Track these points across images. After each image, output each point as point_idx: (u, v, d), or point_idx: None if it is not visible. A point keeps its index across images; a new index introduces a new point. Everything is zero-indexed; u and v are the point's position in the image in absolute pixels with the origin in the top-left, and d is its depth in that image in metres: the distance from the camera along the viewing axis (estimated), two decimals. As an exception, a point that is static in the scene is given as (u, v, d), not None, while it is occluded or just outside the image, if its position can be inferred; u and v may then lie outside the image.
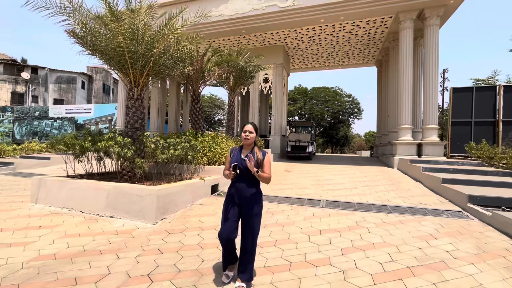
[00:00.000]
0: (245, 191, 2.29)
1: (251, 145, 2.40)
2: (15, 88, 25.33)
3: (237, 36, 11.67)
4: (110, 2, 4.17)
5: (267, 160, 2.37)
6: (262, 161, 2.33)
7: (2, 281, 2.34)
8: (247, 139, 2.35)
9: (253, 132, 2.39)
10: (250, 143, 2.38)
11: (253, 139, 2.39)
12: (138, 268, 2.56)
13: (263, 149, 2.49)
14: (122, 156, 4.25)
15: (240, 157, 2.35)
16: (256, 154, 2.33)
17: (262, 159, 2.34)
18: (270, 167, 2.37)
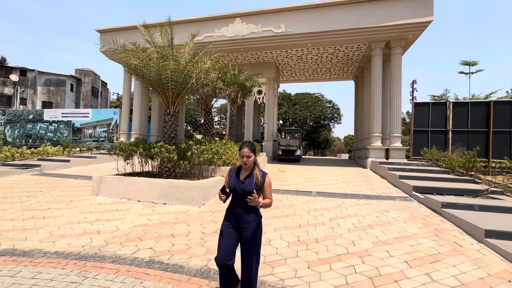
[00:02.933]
0: (244, 216, 2.12)
1: (251, 167, 2.21)
2: (2, 90, 25.09)
3: (236, 53, 13.27)
4: (161, 47, 5.65)
5: (268, 183, 2.19)
6: (262, 184, 2.14)
7: (128, 235, 3.79)
8: (246, 163, 2.16)
9: (252, 155, 2.18)
10: (249, 166, 2.19)
11: (252, 161, 2.19)
12: (206, 229, 4.10)
13: (263, 170, 2.26)
14: (169, 159, 5.72)
15: (238, 180, 2.17)
16: (256, 177, 2.15)
17: (263, 182, 2.15)
18: (271, 190, 2.21)
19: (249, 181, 2.14)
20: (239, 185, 2.13)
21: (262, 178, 2.15)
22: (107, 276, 2.68)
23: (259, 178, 2.13)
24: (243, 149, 2.17)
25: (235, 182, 2.16)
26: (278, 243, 3.60)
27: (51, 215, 4.70)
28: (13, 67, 25.95)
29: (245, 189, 2.10)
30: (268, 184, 2.18)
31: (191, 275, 2.74)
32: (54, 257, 3.12)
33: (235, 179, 2.19)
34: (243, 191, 2.09)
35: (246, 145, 2.18)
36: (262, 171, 2.22)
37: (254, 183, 2.11)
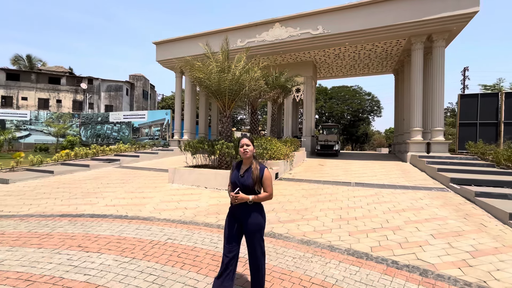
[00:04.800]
0: (244, 208, 2.22)
1: (250, 159, 2.30)
2: (75, 97, 29.62)
3: (275, 56, 14.22)
4: (220, 62, 6.91)
5: (267, 176, 2.25)
6: (260, 178, 2.22)
7: (207, 210, 5.10)
8: (246, 152, 2.27)
9: (250, 144, 2.30)
10: (249, 157, 2.29)
11: (251, 152, 2.30)
12: (266, 207, 5.21)
13: (262, 164, 2.34)
14: (228, 154, 6.99)
15: (238, 175, 2.29)
16: (253, 171, 2.23)
17: (260, 176, 2.22)
18: (271, 182, 2.27)
19: (247, 175, 2.24)
20: (238, 179, 2.26)
21: (260, 172, 2.23)
22: (205, 233, 3.94)
23: (255, 172, 2.22)
24: (242, 140, 2.34)
25: (235, 176, 2.30)
26: (323, 219, 4.56)
27: (147, 196, 6.28)
28: (83, 76, 30.37)
29: (244, 183, 2.22)
30: (266, 177, 2.24)
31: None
32: (165, 221, 4.52)
33: (236, 173, 2.32)
34: (242, 184, 2.22)
35: (244, 137, 2.43)
36: (261, 165, 2.30)
37: (251, 178, 2.21)
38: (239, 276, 2.71)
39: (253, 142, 2.38)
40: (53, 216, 4.78)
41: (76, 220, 4.51)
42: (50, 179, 8.53)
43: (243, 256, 2.97)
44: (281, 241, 3.64)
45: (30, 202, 5.85)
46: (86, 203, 5.73)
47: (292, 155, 9.72)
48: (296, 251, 3.31)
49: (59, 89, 29.71)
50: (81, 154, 12.03)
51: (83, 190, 6.89)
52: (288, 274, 2.75)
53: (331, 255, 3.23)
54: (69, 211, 5.13)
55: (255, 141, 7.88)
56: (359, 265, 2.99)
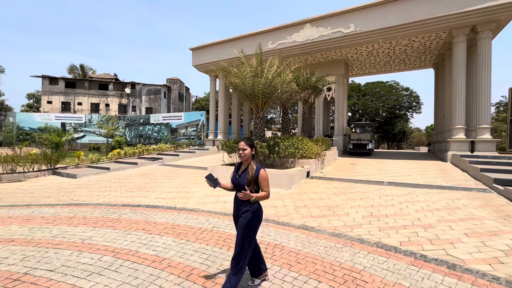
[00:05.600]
0: (241, 206, 2.37)
1: (248, 161, 2.40)
2: (120, 101, 32.64)
3: (306, 56, 14.36)
4: (253, 67, 7.41)
5: (263, 177, 2.33)
6: (255, 178, 2.31)
7: (245, 205, 5.62)
8: (242, 156, 2.38)
9: (247, 148, 2.38)
10: (245, 159, 2.40)
11: (248, 154, 2.38)
12: (297, 204, 5.59)
13: (258, 164, 2.42)
14: (262, 153, 7.47)
15: (236, 174, 2.44)
16: (248, 171, 2.34)
17: (255, 176, 2.31)
18: (267, 182, 2.36)
19: (243, 175, 2.37)
20: (236, 179, 2.42)
21: (256, 172, 2.32)
22: (245, 223, 4.46)
23: (250, 172, 2.32)
24: (240, 143, 2.42)
25: (234, 176, 2.46)
26: (354, 215, 4.80)
27: (190, 191, 7.02)
28: (126, 82, 33.33)
29: (240, 182, 2.37)
30: (262, 177, 2.32)
31: (295, 228, 4.26)
32: (209, 213, 5.13)
33: (235, 173, 2.47)
34: (238, 184, 2.36)
35: (243, 139, 2.44)
36: (258, 165, 2.39)
37: (246, 178, 2.32)
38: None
39: (252, 145, 2.43)
40: (117, 205, 5.69)
41: (135, 209, 5.34)
42: (107, 175, 9.82)
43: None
44: (313, 233, 4.00)
45: (97, 193, 6.93)
46: (140, 196, 6.63)
47: (323, 154, 9.89)
48: (327, 242, 3.66)
49: (107, 94, 32.96)
50: (130, 153, 13.47)
51: (135, 185, 7.89)
52: (320, 260, 3.12)
53: (360, 246, 3.51)
54: (128, 202, 6.02)
55: (287, 141, 8.25)
56: (387, 256, 3.24)
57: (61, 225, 4.27)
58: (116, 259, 3.06)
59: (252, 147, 2.44)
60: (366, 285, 2.59)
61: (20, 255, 3.13)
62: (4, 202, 5.94)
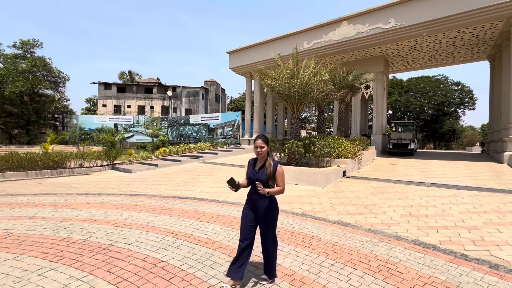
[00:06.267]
0: (259, 201, 2.46)
1: (265, 157, 2.51)
2: (163, 103, 35.29)
3: (342, 54, 14.15)
4: (290, 69, 7.71)
5: (280, 172, 2.45)
6: (273, 174, 2.44)
7: (281, 201, 5.95)
8: (260, 153, 2.49)
9: (264, 145, 2.49)
10: (262, 156, 2.51)
11: (265, 152, 2.49)
12: (333, 201, 5.76)
13: (275, 160, 2.54)
14: (298, 152, 7.73)
15: (253, 171, 2.53)
16: (267, 167, 2.46)
17: (274, 171, 2.44)
18: (283, 178, 2.48)
19: (262, 171, 2.48)
20: (254, 175, 2.50)
21: (274, 168, 2.45)
22: (282, 217, 4.79)
23: (269, 169, 2.44)
24: (256, 141, 2.50)
25: (251, 173, 2.54)
26: (391, 214, 4.84)
27: (230, 186, 7.57)
28: (168, 85, 35.91)
29: (259, 178, 2.45)
30: (279, 173, 2.45)
31: (332, 223, 4.48)
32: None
33: (252, 169, 2.55)
34: (257, 180, 2.44)
35: (259, 138, 2.53)
36: (275, 162, 2.51)
37: (265, 174, 2.44)
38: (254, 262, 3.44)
39: (268, 143, 2.56)
40: (168, 197, 6.45)
41: (185, 201, 6.02)
42: (156, 171, 10.94)
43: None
44: (349, 228, 4.19)
45: (150, 186, 7.87)
46: (187, 189, 7.37)
47: (360, 153, 9.76)
48: (363, 237, 3.83)
49: (151, 97, 35.86)
50: (174, 151, 14.69)
51: (181, 180, 8.73)
52: (356, 251, 3.33)
53: (396, 243, 3.62)
54: (177, 195, 6.77)
55: (322, 140, 8.37)
56: (425, 253, 3.32)
57: (127, 210, 5.08)
58: (176, 239, 3.65)
59: (268, 144, 2.55)
60: (401, 275, 2.76)
61: (103, 231, 3.90)
62: (80, 191, 7.12)
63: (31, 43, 28.39)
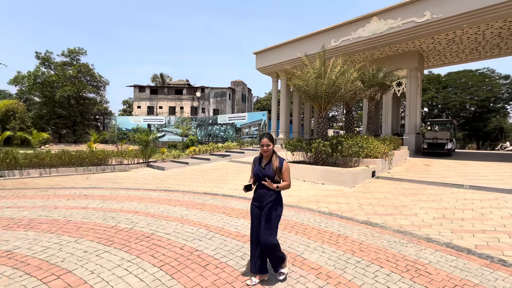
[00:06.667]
0: (265, 196, 2.55)
1: (270, 154, 2.61)
2: (192, 104, 36.74)
3: (372, 50, 13.67)
4: (317, 68, 7.72)
5: (286, 168, 2.56)
6: (280, 169, 2.53)
7: (308, 199, 6.04)
8: (266, 151, 2.57)
9: (270, 144, 2.58)
10: (268, 154, 2.60)
11: (271, 150, 2.59)
12: (361, 201, 5.71)
13: (280, 157, 2.62)
14: (325, 152, 7.72)
15: (260, 167, 2.61)
16: (273, 163, 2.55)
17: (280, 167, 2.53)
18: (289, 173, 2.59)
19: (268, 167, 2.57)
20: (260, 171, 2.58)
21: (280, 164, 2.54)
22: (309, 215, 4.89)
23: (275, 164, 2.54)
24: (262, 139, 2.59)
25: (257, 169, 2.62)
26: (423, 216, 4.70)
27: (257, 184, 7.80)
28: (197, 86, 37.30)
29: (265, 174, 2.54)
30: (285, 169, 2.57)
31: (359, 222, 4.49)
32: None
33: (258, 166, 2.63)
34: (264, 175, 2.53)
35: (265, 136, 2.61)
36: (280, 158, 2.61)
37: (272, 169, 2.53)
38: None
39: (273, 141, 2.65)
40: (199, 193, 6.85)
41: (215, 197, 6.36)
42: (187, 168, 11.56)
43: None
44: (377, 228, 4.17)
45: (182, 183, 8.39)
46: (216, 186, 7.74)
47: (391, 153, 9.43)
48: (391, 237, 3.81)
49: (181, 98, 37.51)
50: (203, 150, 15.34)
51: (211, 177, 9.16)
52: (383, 251, 3.35)
53: (427, 244, 3.56)
54: (207, 191, 7.15)
55: (350, 140, 8.26)
56: (458, 256, 3.23)
57: (164, 204, 5.53)
58: (209, 231, 3.94)
59: (273, 143, 2.65)
60: (430, 276, 2.75)
61: (145, 222, 4.33)
62: (121, 186, 7.84)
63: (76, 51, 31.26)
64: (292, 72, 8.35)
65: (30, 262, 2.89)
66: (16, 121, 27.92)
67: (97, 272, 2.70)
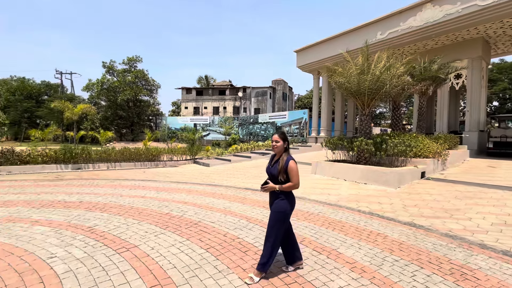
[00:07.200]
0: (273, 195, 2.59)
1: (281, 152, 2.58)
2: (234, 104, 38.09)
3: (424, 41, 12.53)
4: (360, 64, 7.48)
5: (292, 167, 2.48)
6: (285, 169, 2.47)
7: (348, 198, 5.95)
8: (275, 147, 2.59)
9: (280, 141, 2.56)
10: (278, 151, 2.59)
11: (280, 147, 2.56)
12: (406, 202, 5.43)
13: (290, 155, 2.57)
14: (367, 150, 7.45)
15: (269, 165, 2.67)
16: (279, 161, 2.53)
17: (285, 166, 2.48)
18: (296, 173, 2.48)
19: (275, 166, 2.57)
20: (269, 169, 2.63)
21: (285, 163, 2.48)
22: (348, 213, 4.86)
23: (281, 163, 2.50)
24: (273, 136, 2.62)
25: (267, 166, 2.69)
26: (479, 221, 4.29)
27: (296, 182, 7.91)
28: (239, 87, 38.51)
29: (271, 172, 2.58)
30: (291, 168, 2.47)
31: (401, 223, 4.32)
32: (314, 201, 5.78)
33: (269, 163, 2.69)
34: (270, 173, 2.58)
35: (276, 133, 2.63)
36: (288, 157, 2.54)
37: (277, 168, 2.52)
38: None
39: (285, 138, 2.61)
40: (241, 188, 7.25)
41: (255, 192, 6.68)
42: (229, 165, 12.18)
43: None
44: (421, 230, 3.98)
45: (225, 178, 8.93)
46: (256, 183, 8.04)
47: (445, 153, 8.61)
48: (437, 240, 3.61)
49: (224, 98, 39.13)
50: (244, 148, 15.92)
51: (252, 174, 9.54)
52: (426, 253, 3.22)
53: (480, 250, 3.30)
54: (248, 187, 7.51)
55: (396, 138, 7.80)
56: (516, 265, 2.95)
57: (209, 197, 6.05)
58: (249, 222, 4.25)
59: (285, 140, 2.59)
60: (477, 281, 2.59)
61: (192, 211, 4.85)
62: (172, 179, 8.71)
63: (134, 59, 34.99)
64: (333, 69, 8.21)
65: (106, 237, 3.55)
66: (88, 122, 32.52)
67: (156, 249, 3.20)
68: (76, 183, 7.66)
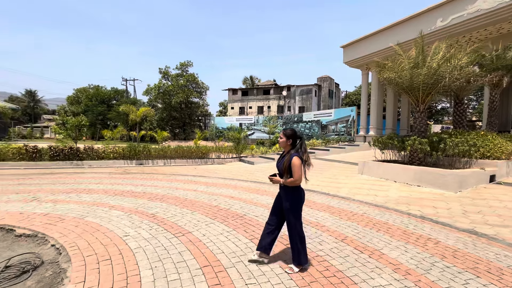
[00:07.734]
0: (283, 189, 2.72)
1: (288, 148, 2.70)
2: (279, 103, 38.25)
3: (496, 25, 10.85)
4: (413, 57, 6.93)
5: (294, 163, 2.54)
6: (288, 165, 2.57)
7: (397, 201, 5.63)
8: (279, 142, 2.80)
9: (283, 137, 2.69)
10: (282, 146, 2.75)
11: (282, 143, 2.70)
12: (467, 208, 4.90)
13: (293, 153, 2.62)
14: (422, 150, 6.89)
15: (278, 160, 2.81)
16: (286, 158, 2.65)
17: (288, 163, 2.57)
18: (298, 169, 2.54)
19: (282, 161, 2.70)
20: (277, 164, 2.79)
21: (288, 160, 2.57)
22: (395, 216, 4.64)
23: (286, 158, 2.61)
24: (280, 132, 2.75)
25: (277, 161, 2.82)
26: (493, 219, 3.69)
27: (341, 182, 7.74)
28: (283, 85, 38.51)
29: (279, 166, 2.74)
30: (293, 164, 2.54)
31: (458, 230, 3.97)
32: (359, 202, 5.63)
33: (279, 159, 2.82)
34: (278, 168, 2.75)
35: (283, 130, 2.75)
36: (293, 154, 2.60)
37: (283, 163, 2.64)
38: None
39: (290, 136, 2.67)
40: (284, 186, 7.42)
41: (297, 190, 6.78)
42: (272, 164, 12.40)
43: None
44: (483, 239, 3.61)
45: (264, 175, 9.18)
46: (299, 181, 8.13)
47: (523, 154, 7.40)
48: (501, 250, 3.26)
49: (268, 98, 39.58)
50: (288, 147, 16.01)
51: (295, 173, 9.60)
52: (485, 262, 2.95)
53: (557, 265, 2.88)
54: (291, 185, 7.64)
55: (457, 136, 7.02)
56: None
57: (253, 193, 6.37)
58: (291, 218, 4.42)
59: (289, 137, 2.67)
60: (548, 297, 2.31)
61: (238, 205, 5.22)
62: (219, 176, 9.34)
63: (186, 64, 37.85)
64: (382, 64, 7.77)
65: (166, 223, 4.12)
66: (147, 123, 36.42)
67: (207, 236, 3.61)
68: (139, 176, 8.81)
